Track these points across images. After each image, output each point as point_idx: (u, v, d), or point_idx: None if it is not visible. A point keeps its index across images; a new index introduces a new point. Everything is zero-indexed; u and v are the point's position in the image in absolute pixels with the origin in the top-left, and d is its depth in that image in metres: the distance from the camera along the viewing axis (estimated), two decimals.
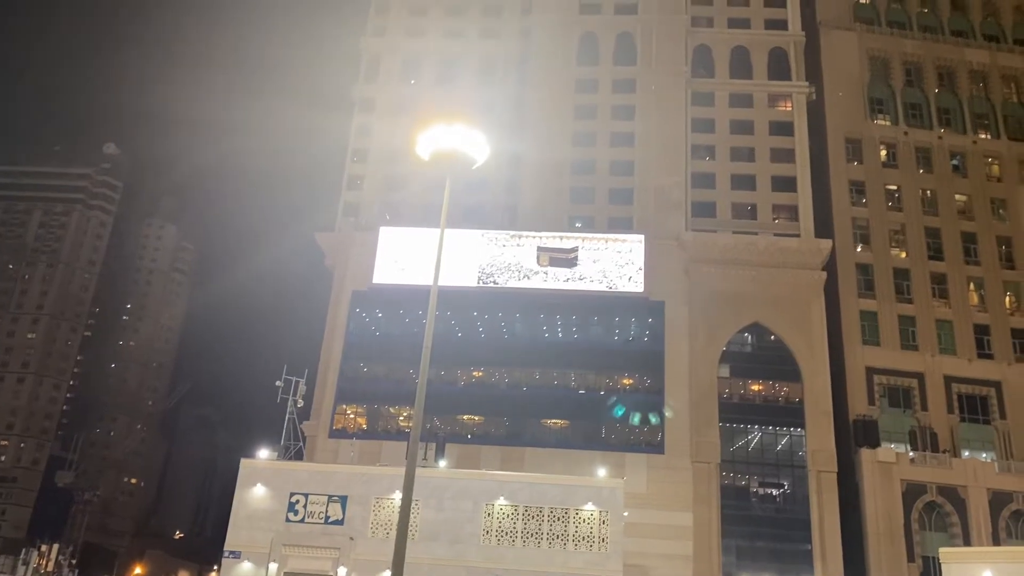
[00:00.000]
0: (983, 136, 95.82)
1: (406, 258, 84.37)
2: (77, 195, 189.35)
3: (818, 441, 78.87)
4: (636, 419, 79.12)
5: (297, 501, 60.11)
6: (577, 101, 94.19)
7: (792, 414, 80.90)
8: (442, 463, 70.83)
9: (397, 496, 59.09)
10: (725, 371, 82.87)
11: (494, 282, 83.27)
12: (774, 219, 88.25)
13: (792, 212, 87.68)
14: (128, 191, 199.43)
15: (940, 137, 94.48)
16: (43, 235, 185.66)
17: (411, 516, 57.36)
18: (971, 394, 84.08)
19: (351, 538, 58.86)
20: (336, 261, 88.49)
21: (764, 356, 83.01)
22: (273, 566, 59.00)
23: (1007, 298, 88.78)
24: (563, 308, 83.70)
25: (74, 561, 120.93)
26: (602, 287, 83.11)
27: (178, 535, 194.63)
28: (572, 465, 73.47)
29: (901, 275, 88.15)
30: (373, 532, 59.52)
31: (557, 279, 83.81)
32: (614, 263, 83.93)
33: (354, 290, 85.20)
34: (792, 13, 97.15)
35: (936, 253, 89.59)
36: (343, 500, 60.00)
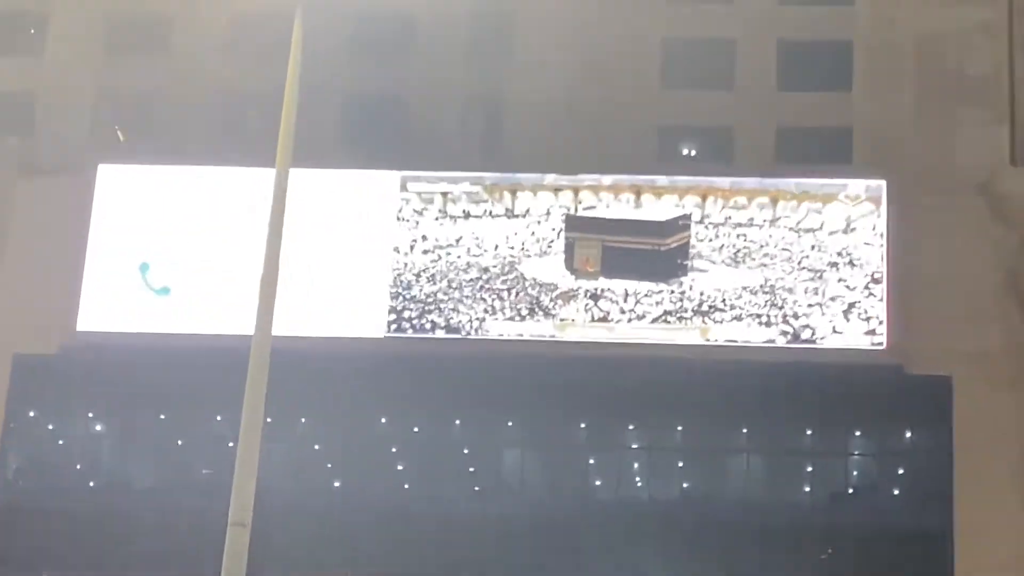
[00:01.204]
0: None
1: (170, 255, 35.54)
2: None
3: None
4: None
5: None
6: None
7: None
8: None
9: None
10: None
11: (441, 325, 34.75)
12: None
13: None
14: None
15: None
16: None
17: None
18: None
19: None
20: None
21: None
22: None
23: None
24: (641, 403, 34.90)
25: None
26: (767, 337, 34.16)
27: None
28: None
29: None
30: None
31: (623, 311, 35.41)
32: (797, 263, 35.32)
33: (17, 354, 35.62)
34: None
35: None
36: None
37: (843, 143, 36.20)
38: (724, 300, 34.65)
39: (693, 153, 37.26)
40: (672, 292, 34.78)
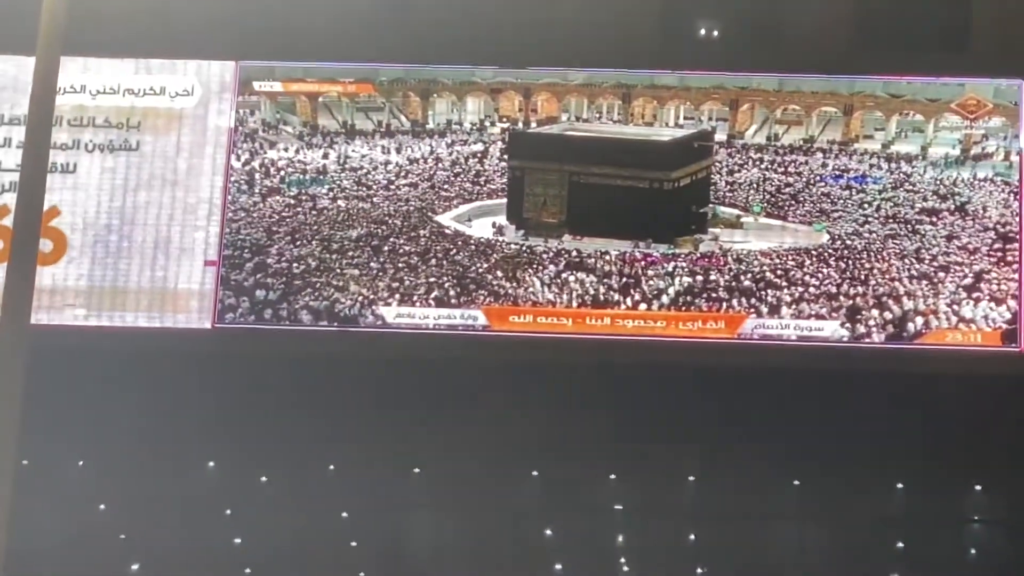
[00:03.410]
0: None
1: None
2: None
3: None
4: None
5: None
6: None
7: None
8: None
9: None
10: None
11: (318, 311, 23.93)
12: None
13: None
14: None
15: None
16: None
17: None
18: None
19: None
20: None
21: None
22: None
23: None
24: (635, 437, 22.83)
25: None
26: (847, 332, 23.55)
27: None
28: None
29: None
30: None
31: (609, 289, 25.03)
32: (879, 211, 24.67)
33: None
34: None
35: None
36: None
37: (958, 23, 25.52)
38: (777, 271, 24.02)
39: (715, 34, 26.28)
40: (688, 257, 24.19)
